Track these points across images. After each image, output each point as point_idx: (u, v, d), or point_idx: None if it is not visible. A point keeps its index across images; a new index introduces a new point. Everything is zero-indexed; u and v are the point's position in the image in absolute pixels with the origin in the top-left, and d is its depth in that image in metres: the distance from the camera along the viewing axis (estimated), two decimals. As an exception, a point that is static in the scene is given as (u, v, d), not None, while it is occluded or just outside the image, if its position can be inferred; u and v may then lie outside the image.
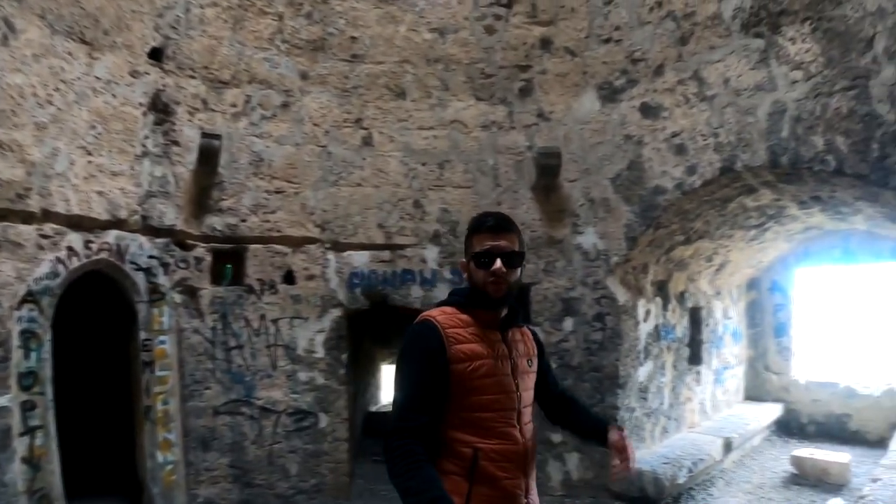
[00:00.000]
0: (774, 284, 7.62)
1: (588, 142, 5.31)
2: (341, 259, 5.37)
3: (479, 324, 1.98)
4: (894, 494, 3.61)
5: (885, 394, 6.66)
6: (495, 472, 1.89)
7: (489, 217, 2.02)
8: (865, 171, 3.71)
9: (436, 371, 1.88)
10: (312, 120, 5.25)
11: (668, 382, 5.96)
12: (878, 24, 3.48)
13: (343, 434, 5.26)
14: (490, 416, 1.92)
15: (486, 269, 1.92)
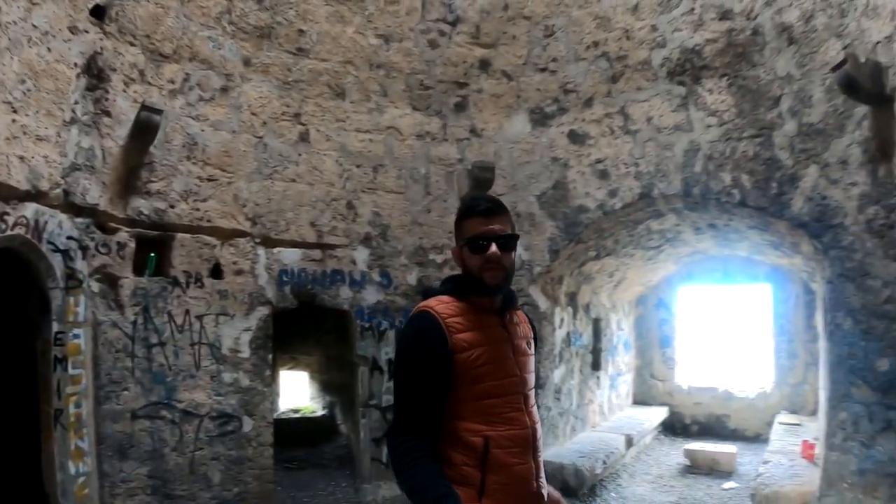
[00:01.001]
0: (660, 301, 9.21)
1: (517, 160, 6.12)
2: (271, 255, 5.55)
3: (476, 310, 2.08)
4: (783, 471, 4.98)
5: (759, 396, 8.37)
6: (507, 459, 1.99)
7: (480, 201, 2.13)
8: (765, 205, 4.86)
9: (437, 364, 1.97)
10: (251, 108, 5.40)
11: (577, 385, 6.89)
12: (786, 87, 4.64)
13: (268, 439, 5.35)
14: (496, 403, 2.03)
15: (482, 254, 2.02)
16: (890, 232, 3.93)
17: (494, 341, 2.07)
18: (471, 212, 2.09)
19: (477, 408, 2.01)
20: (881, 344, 3.98)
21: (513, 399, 2.06)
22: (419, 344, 2.01)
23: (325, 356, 8.24)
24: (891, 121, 3.82)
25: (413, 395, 1.99)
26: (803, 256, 5.41)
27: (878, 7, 3.75)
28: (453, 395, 2.01)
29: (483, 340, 2.03)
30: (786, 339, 8.02)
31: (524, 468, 2.04)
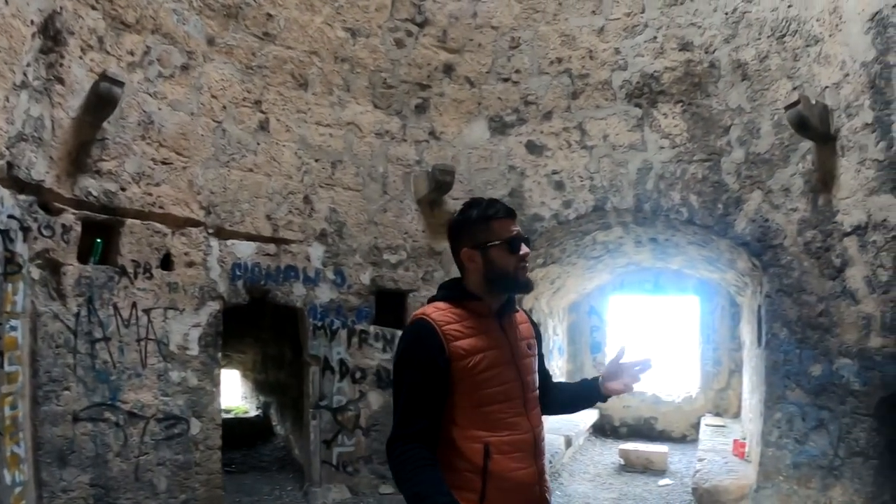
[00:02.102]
0: (592, 308, 9.93)
1: (475, 166, 6.48)
2: (225, 247, 5.48)
3: (474, 316, 2.17)
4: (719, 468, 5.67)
5: (685, 400, 9.27)
6: (508, 465, 2.08)
7: (497, 203, 2.25)
8: (711, 223, 5.55)
9: (436, 372, 2.05)
10: (212, 91, 5.34)
11: None
12: (736, 118, 5.35)
13: (216, 442, 5.27)
14: (497, 408, 2.11)
15: (516, 254, 2.15)
16: (826, 254, 4.69)
17: (494, 346, 2.15)
18: (495, 214, 2.20)
19: (478, 414, 2.10)
20: (815, 352, 4.72)
21: (514, 404, 2.15)
22: (416, 353, 2.09)
23: (261, 354, 8.13)
24: (833, 157, 4.58)
25: (412, 404, 2.06)
26: (737, 272, 6.21)
27: (829, 56, 4.50)
28: (453, 402, 2.09)
29: (482, 346, 2.12)
30: (711, 347, 8.99)
31: (527, 473, 2.12)
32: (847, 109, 4.38)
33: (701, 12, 5.39)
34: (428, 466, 1.98)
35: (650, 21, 5.65)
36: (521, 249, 2.16)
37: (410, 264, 6.34)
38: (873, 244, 4.25)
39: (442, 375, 2.05)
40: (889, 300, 4.13)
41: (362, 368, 6.06)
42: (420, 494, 1.92)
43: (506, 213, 2.19)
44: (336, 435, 5.87)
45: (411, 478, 1.96)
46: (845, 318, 4.50)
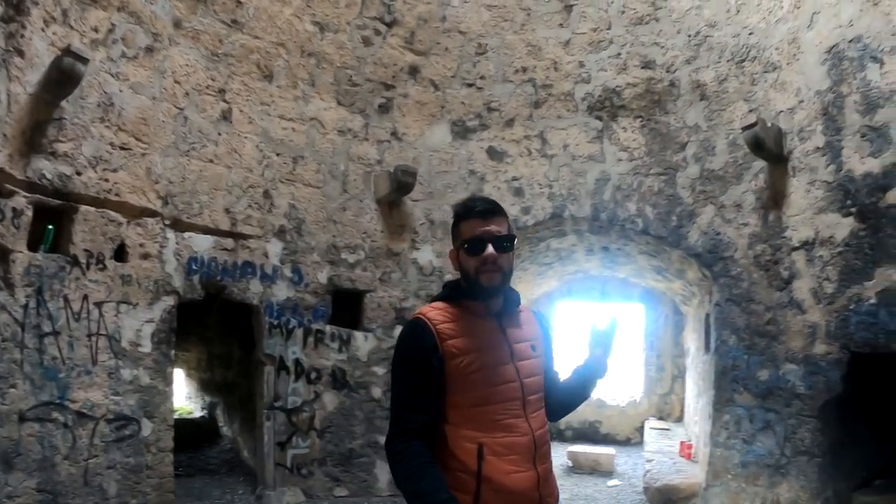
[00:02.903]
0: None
1: (435, 168, 6.63)
2: (181, 240, 5.38)
3: (470, 315, 2.17)
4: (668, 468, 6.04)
5: (629, 404, 9.74)
6: (503, 467, 2.06)
7: (477, 201, 2.20)
8: (665, 234, 5.95)
9: (430, 369, 2.06)
10: (175, 76, 5.25)
11: None
12: (693, 136, 5.77)
13: (168, 444, 5.17)
14: (492, 409, 2.10)
15: (477, 256, 2.09)
16: (774, 266, 5.14)
17: (489, 346, 2.14)
18: (468, 213, 2.16)
19: (471, 414, 2.09)
20: (762, 357, 5.17)
21: (511, 405, 2.12)
22: (411, 350, 2.12)
23: (206, 353, 7.93)
24: (784, 177, 5.05)
25: (409, 401, 2.09)
26: (685, 281, 6.66)
27: (785, 83, 4.97)
28: (448, 402, 2.10)
29: (475, 346, 2.11)
30: (655, 354, 9.53)
31: (524, 477, 2.10)
32: (800, 133, 4.86)
33: (665, 33, 5.81)
34: (427, 464, 2.00)
35: (615, 38, 6.02)
36: (486, 250, 2.08)
37: (368, 264, 6.42)
38: (820, 258, 4.72)
39: (436, 373, 2.07)
40: (834, 310, 4.60)
41: (318, 369, 6.08)
42: (419, 492, 1.94)
43: (477, 213, 2.14)
44: (290, 437, 5.86)
45: (410, 475, 1.98)
46: (792, 327, 4.96)
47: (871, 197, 4.28)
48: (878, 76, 4.15)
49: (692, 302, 7.30)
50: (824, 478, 4.63)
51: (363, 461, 6.19)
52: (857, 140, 4.39)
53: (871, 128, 4.26)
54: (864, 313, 4.36)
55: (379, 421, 6.26)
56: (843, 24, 4.39)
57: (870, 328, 4.31)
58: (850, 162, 4.45)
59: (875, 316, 4.27)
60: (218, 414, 7.97)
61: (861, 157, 4.36)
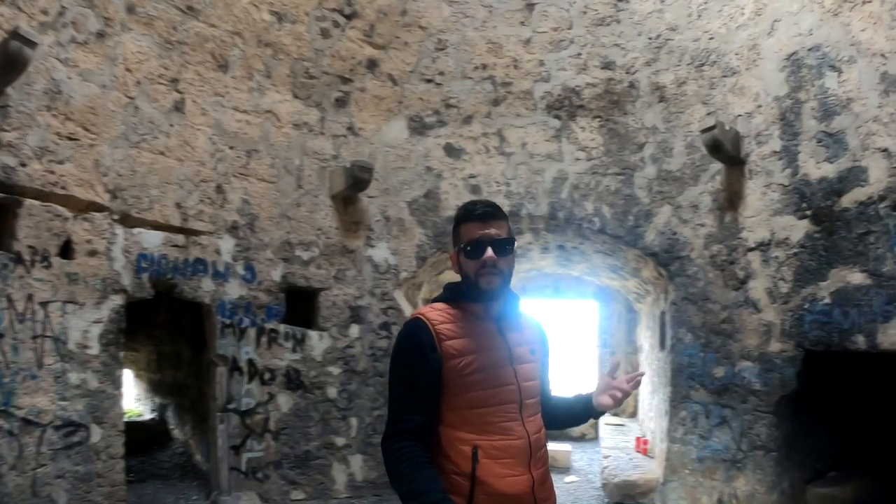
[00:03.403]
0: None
1: (392, 164, 6.63)
2: (130, 236, 5.20)
3: (470, 317, 2.22)
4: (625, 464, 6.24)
5: None
6: (498, 470, 2.10)
7: (477, 205, 2.24)
8: (621, 234, 6.15)
9: (428, 370, 2.10)
10: (127, 63, 5.07)
11: None
12: (650, 137, 5.99)
13: (118, 450, 5.01)
14: (489, 411, 2.14)
15: (477, 259, 2.15)
16: (730, 266, 5.40)
17: (487, 349, 2.18)
18: (468, 216, 2.21)
19: (467, 416, 2.13)
20: (718, 355, 5.42)
21: (507, 408, 2.17)
22: (409, 350, 2.15)
23: (155, 353, 7.67)
24: (741, 179, 5.31)
25: (406, 401, 2.12)
26: (640, 280, 6.89)
27: (744, 88, 5.22)
28: (444, 403, 2.14)
29: (474, 348, 2.15)
30: (609, 350, 9.73)
31: (518, 480, 2.13)
32: (757, 137, 5.12)
33: (626, 35, 5.99)
34: (422, 464, 2.03)
35: (576, 38, 6.17)
36: (485, 254, 2.14)
37: (323, 262, 6.37)
38: (775, 259, 4.99)
39: (434, 373, 2.10)
40: (789, 310, 4.87)
41: (272, 369, 6.00)
42: (413, 492, 1.96)
43: (476, 217, 2.20)
44: (245, 439, 5.77)
45: (405, 475, 2.00)
46: (747, 325, 5.23)
47: (826, 200, 4.56)
48: (836, 84, 4.42)
49: (646, 300, 7.57)
50: (780, 471, 4.91)
51: (320, 463, 6.15)
52: (813, 145, 4.66)
53: (827, 134, 4.53)
54: (819, 312, 4.64)
55: (335, 422, 6.24)
56: (803, 32, 4.66)
57: (824, 327, 4.59)
58: (807, 166, 4.73)
59: (829, 315, 4.55)
60: (169, 416, 7.77)
61: (817, 161, 4.63)
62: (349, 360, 6.38)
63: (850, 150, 4.38)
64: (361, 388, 6.38)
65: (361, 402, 6.37)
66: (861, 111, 4.28)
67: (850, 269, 4.40)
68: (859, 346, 4.30)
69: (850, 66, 4.33)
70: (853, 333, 4.34)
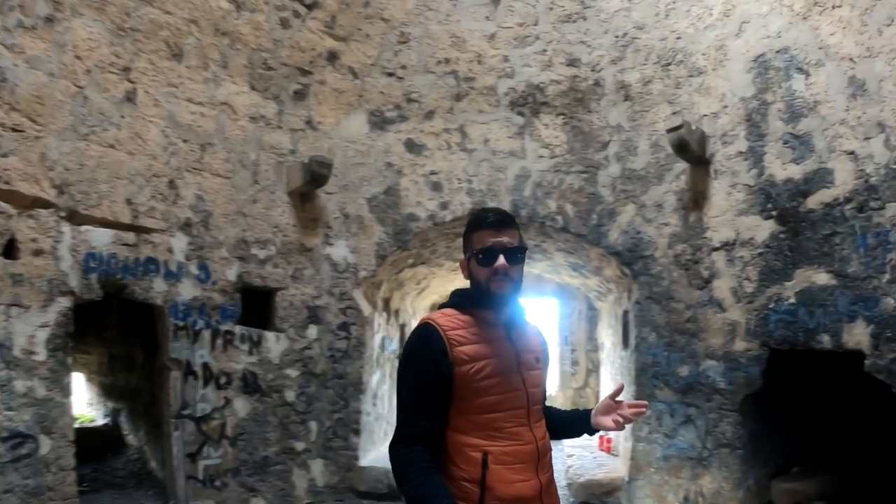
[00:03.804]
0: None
1: (351, 160, 6.54)
2: (78, 234, 4.95)
3: (480, 323, 2.27)
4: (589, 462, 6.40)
5: None
6: (507, 475, 2.15)
7: (489, 213, 2.32)
8: (585, 232, 6.24)
9: (438, 375, 2.14)
10: (76, 51, 4.82)
11: (388, 389, 7.47)
12: (615, 135, 6.09)
13: (69, 462, 4.77)
14: (499, 417, 2.19)
15: (489, 267, 2.22)
16: (695, 266, 5.55)
17: (497, 355, 2.23)
18: (480, 224, 2.28)
19: (478, 422, 2.18)
20: (682, 354, 5.56)
21: (516, 414, 2.23)
22: (420, 355, 2.20)
23: (107, 355, 7.36)
24: (706, 179, 5.45)
25: (416, 405, 2.16)
26: (602, 278, 7.00)
27: (710, 88, 5.36)
28: (454, 408, 2.18)
29: (485, 354, 2.21)
30: (569, 348, 9.86)
31: (527, 486, 2.18)
32: (723, 137, 5.26)
33: (592, 32, 6.06)
34: (430, 469, 2.07)
35: (541, 34, 6.21)
36: (497, 261, 2.21)
37: (279, 260, 6.24)
38: (740, 259, 5.15)
39: (444, 379, 2.14)
40: (753, 309, 5.04)
41: (227, 373, 5.84)
42: (421, 497, 2.00)
43: (489, 224, 2.26)
44: (201, 447, 5.59)
45: (412, 479, 2.04)
46: (712, 325, 5.38)
47: (791, 201, 4.73)
48: (804, 87, 4.59)
49: (608, 298, 7.70)
50: (745, 468, 5.09)
51: (279, 469, 6.04)
52: (779, 146, 4.82)
53: (794, 135, 4.70)
54: (784, 312, 4.81)
55: (294, 426, 6.14)
56: (772, 34, 4.81)
57: (789, 326, 4.76)
58: (772, 167, 4.89)
59: (794, 315, 4.73)
60: (122, 421, 7.50)
61: (783, 163, 4.80)
62: (307, 362, 6.28)
63: (816, 152, 4.56)
64: (321, 391, 6.29)
65: (321, 405, 6.28)
66: (828, 114, 4.45)
67: (816, 270, 4.58)
68: (825, 345, 4.48)
69: (818, 70, 4.50)
70: (819, 333, 4.53)
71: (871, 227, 4.15)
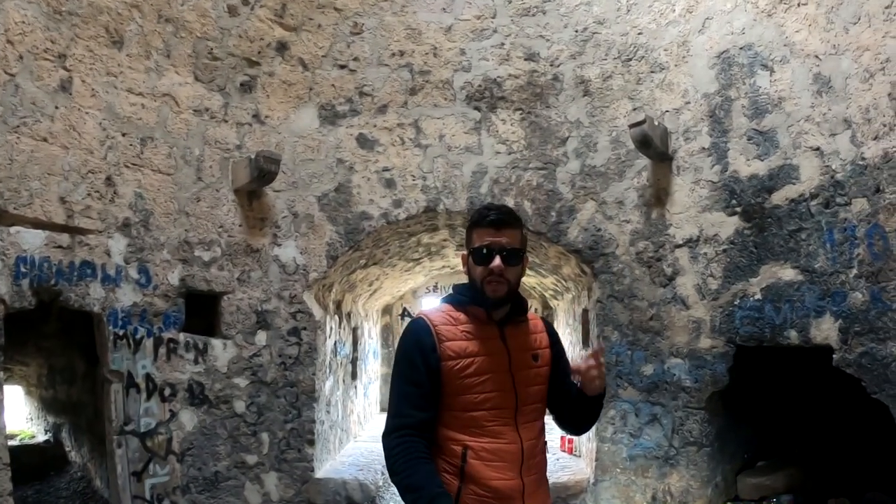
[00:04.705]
0: (404, 311, 10.51)
1: (300, 156, 6.38)
2: (7, 236, 4.59)
3: (472, 320, 2.32)
4: (552, 464, 6.26)
5: None
6: (486, 472, 2.21)
7: (491, 210, 2.33)
8: (544, 230, 6.27)
9: (427, 368, 2.22)
10: (8, 35, 4.45)
11: (341, 396, 7.37)
12: (574, 131, 6.15)
13: (6, 486, 4.33)
14: (482, 415, 2.24)
15: (485, 266, 2.25)
16: (657, 263, 5.66)
17: (486, 353, 2.28)
18: (480, 221, 2.32)
19: (460, 418, 2.26)
20: (646, 353, 5.66)
21: (501, 413, 2.27)
22: (410, 348, 2.29)
23: (47, 366, 6.91)
24: (668, 174, 5.57)
25: (408, 397, 2.24)
26: (559, 277, 7.05)
27: (672, 84, 5.48)
28: (441, 402, 2.26)
29: (473, 351, 2.27)
30: None
31: (507, 484, 2.23)
32: (685, 133, 5.39)
33: (551, 26, 6.10)
34: (422, 458, 2.15)
35: (500, 27, 6.20)
36: (493, 262, 2.25)
37: (225, 262, 6.03)
38: (704, 256, 5.28)
39: (434, 372, 2.23)
40: (718, 306, 5.17)
41: (172, 384, 5.59)
42: (412, 486, 2.08)
43: (489, 223, 2.29)
44: (147, 464, 5.32)
45: (404, 469, 2.12)
46: (676, 322, 5.49)
47: (756, 197, 4.87)
48: (768, 83, 4.74)
49: (564, 297, 7.79)
50: (713, 465, 5.22)
51: (231, 484, 5.83)
52: (743, 143, 4.97)
53: (758, 131, 4.85)
54: (750, 308, 4.96)
55: (244, 438, 5.93)
56: (736, 31, 4.95)
57: (755, 322, 4.91)
58: (736, 163, 5.04)
59: (760, 311, 4.88)
60: (64, 437, 7.13)
61: (747, 159, 4.95)
62: (257, 369, 6.09)
63: (781, 149, 4.71)
64: (272, 400, 6.10)
65: (272, 415, 6.10)
66: (793, 110, 4.61)
67: (782, 266, 4.73)
68: (792, 340, 4.63)
69: (783, 66, 4.65)
70: (785, 328, 4.68)
71: (837, 222, 4.32)
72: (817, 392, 5.44)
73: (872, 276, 4.00)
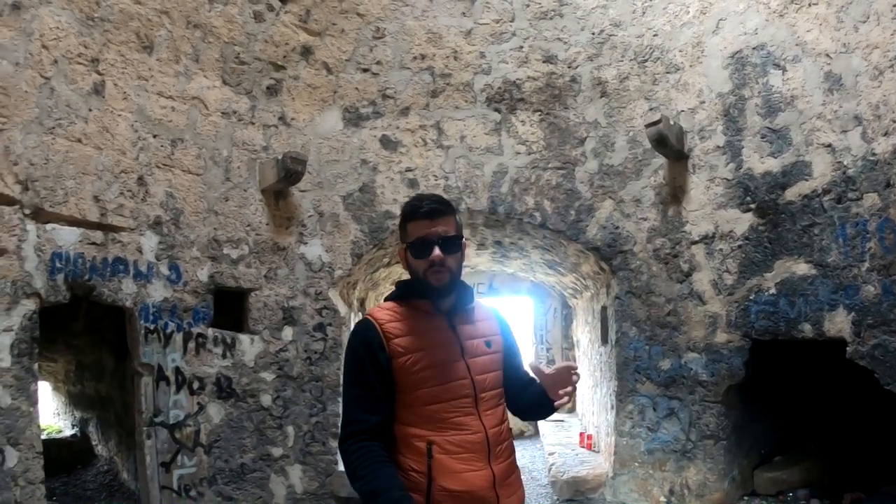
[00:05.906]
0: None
1: (325, 157, 6.51)
2: (43, 233, 4.79)
3: (418, 314, 2.29)
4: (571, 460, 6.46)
5: None
6: (453, 465, 2.16)
7: (423, 201, 2.29)
8: (563, 228, 6.32)
9: (378, 369, 2.18)
10: (43, 40, 4.67)
11: None
12: (592, 131, 6.20)
13: (38, 474, 4.57)
14: (441, 407, 2.20)
15: (425, 258, 2.21)
16: (674, 260, 5.67)
17: (436, 345, 2.26)
18: (414, 214, 2.28)
19: (421, 413, 2.21)
20: (664, 348, 5.67)
21: (461, 402, 2.24)
22: (359, 350, 2.24)
23: (75, 362, 7.11)
24: (684, 173, 5.58)
25: (360, 401, 2.19)
26: (579, 275, 7.08)
27: (687, 84, 5.50)
28: (398, 401, 2.23)
29: (421, 345, 2.24)
30: (545, 346, 9.92)
31: (477, 475, 2.19)
32: (700, 132, 5.40)
33: (568, 29, 6.16)
34: (381, 462, 2.10)
35: (518, 30, 6.28)
36: (433, 253, 2.21)
37: (252, 260, 6.14)
38: (720, 252, 5.28)
39: (385, 372, 2.19)
40: (734, 301, 5.17)
41: (200, 377, 5.71)
42: (375, 491, 2.03)
43: (423, 214, 2.25)
44: (175, 455, 5.44)
45: (365, 475, 2.07)
46: (692, 317, 5.50)
47: (770, 194, 4.88)
48: (781, 82, 4.75)
49: (584, 295, 7.80)
50: (730, 458, 5.22)
51: (256, 476, 5.93)
52: (757, 141, 4.98)
53: (771, 129, 4.86)
54: (765, 303, 4.96)
55: (270, 431, 6.04)
56: (749, 31, 4.97)
57: (770, 317, 4.91)
58: (751, 161, 5.04)
59: (775, 305, 4.88)
60: (91, 431, 7.30)
61: (761, 156, 4.95)
62: (283, 364, 6.19)
63: (794, 146, 4.72)
64: (297, 395, 6.21)
65: (298, 408, 6.20)
66: (805, 108, 4.62)
67: (796, 260, 4.73)
68: (806, 334, 4.63)
69: (795, 65, 4.67)
70: (800, 322, 4.67)
71: (849, 217, 4.32)
72: (833, 387, 5.40)
73: (884, 269, 3.99)
